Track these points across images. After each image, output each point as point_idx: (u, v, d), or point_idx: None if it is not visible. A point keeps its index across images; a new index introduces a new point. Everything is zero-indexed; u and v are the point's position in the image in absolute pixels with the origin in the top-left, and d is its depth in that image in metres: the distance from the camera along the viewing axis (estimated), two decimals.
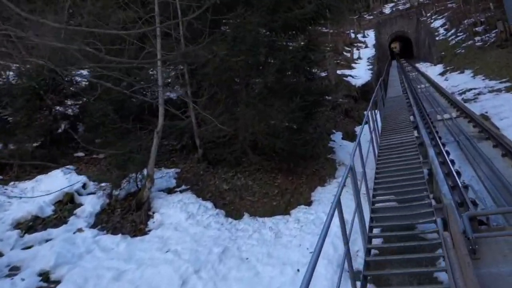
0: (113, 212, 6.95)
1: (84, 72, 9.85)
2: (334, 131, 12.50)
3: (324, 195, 7.86)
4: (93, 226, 6.49)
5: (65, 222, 6.49)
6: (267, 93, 8.47)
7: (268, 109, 8.31)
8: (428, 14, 43.90)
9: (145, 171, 7.21)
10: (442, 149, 7.94)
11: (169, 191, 7.71)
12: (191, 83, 9.29)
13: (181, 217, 6.62)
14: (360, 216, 4.42)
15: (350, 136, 12.33)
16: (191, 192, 7.61)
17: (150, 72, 11.29)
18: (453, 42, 31.03)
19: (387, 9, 56.19)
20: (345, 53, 27.25)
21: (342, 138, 12.06)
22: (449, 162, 7.00)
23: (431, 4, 46.71)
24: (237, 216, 6.92)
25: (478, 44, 26.20)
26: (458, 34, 31.79)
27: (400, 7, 53.24)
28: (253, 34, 8.21)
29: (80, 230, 6.33)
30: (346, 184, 4.52)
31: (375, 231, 5.21)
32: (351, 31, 39.88)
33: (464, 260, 3.32)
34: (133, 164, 7.11)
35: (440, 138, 9.04)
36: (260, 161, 8.54)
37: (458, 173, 6.51)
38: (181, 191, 7.67)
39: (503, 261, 3.49)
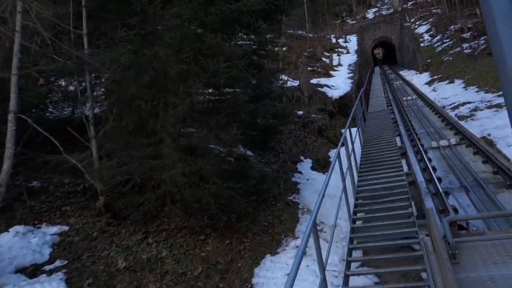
0: None
1: None
2: (302, 157, 9.91)
3: (272, 274, 5.22)
4: None
5: None
6: (195, 118, 5.84)
7: (196, 141, 5.69)
8: (412, 20, 42.38)
9: None
10: (447, 203, 5.42)
11: (33, 271, 4.96)
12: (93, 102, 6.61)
13: None
14: None
15: (322, 164, 9.76)
16: (64, 274, 4.89)
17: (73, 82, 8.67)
18: (440, 48, 29.12)
19: (370, 14, 54.58)
20: (324, 59, 24.84)
21: (312, 168, 9.47)
22: None
23: (415, 10, 45.23)
24: None
25: (466, 51, 24.26)
26: (445, 40, 29.94)
27: (384, 12, 51.67)
28: (179, 31, 5.60)
29: None
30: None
31: None
32: (332, 35, 37.71)
33: (444, 264, 3.12)
34: None
35: (439, 179, 6.53)
36: (185, 216, 5.86)
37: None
38: (49, 273, 4.93)
39: (482, 266, 3.23)
